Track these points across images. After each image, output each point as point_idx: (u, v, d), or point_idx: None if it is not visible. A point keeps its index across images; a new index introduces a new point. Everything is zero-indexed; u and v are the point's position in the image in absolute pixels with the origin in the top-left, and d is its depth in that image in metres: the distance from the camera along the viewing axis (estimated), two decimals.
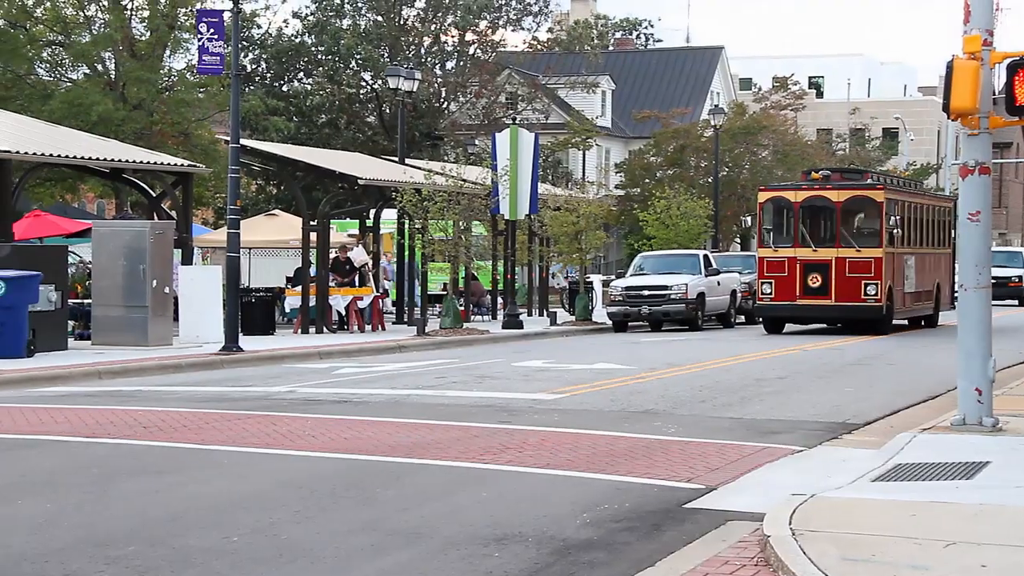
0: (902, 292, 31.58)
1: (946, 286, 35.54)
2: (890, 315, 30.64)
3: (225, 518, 8.94)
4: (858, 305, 30.06)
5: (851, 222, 31.52)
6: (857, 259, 30.13)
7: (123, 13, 41.98)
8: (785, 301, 30.54)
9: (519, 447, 12.01)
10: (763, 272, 30.96)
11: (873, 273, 30.03)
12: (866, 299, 29.99)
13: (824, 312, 30.75)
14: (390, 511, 9.22)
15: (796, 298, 30.39)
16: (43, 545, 8.15)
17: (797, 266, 30.36)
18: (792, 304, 30.57)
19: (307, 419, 14.16)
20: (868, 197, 30.79)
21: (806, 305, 30.47)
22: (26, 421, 14.24)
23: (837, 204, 30.64)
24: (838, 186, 30.80)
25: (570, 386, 17.66)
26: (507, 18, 52.96)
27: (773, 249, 30.89)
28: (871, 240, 30.63)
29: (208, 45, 25.00)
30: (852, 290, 30.07)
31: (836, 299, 30.13)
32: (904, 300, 31.94)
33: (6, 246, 23.59)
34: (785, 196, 31.23)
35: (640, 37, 76.63)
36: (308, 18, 52.05)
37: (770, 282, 30.74)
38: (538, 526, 8.71)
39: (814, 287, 30.20)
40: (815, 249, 30.38)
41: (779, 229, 31.18)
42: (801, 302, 30.43)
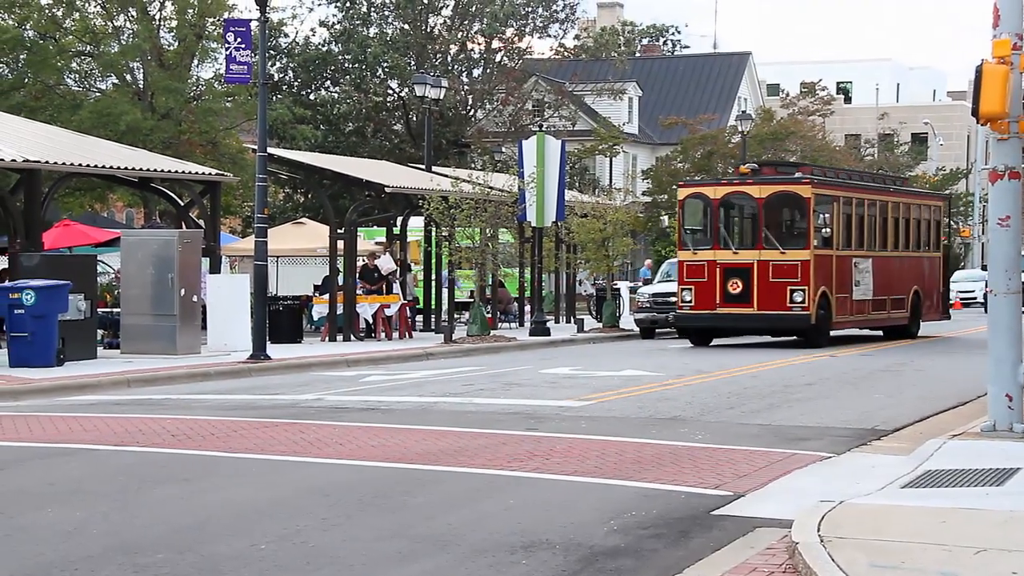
0: (848, 299, 28.56)
1: (934, 292, 32.87)
2: (824, 325, 27.49)
3: (253, 525, 8.96)
4: (783, 314, 27.04)
5: (776, 221, 28.41)
6: (781, 262, 27.08)
7: (151, 23, 42.23)
8: (704, 310, 27.75)
9: (546, 454, 11.99)
10: (683, 278, 28.29)
11: (800, 278, 26.95)
12: (792, 307, 26.89)
13: (745, 322, 27.71)
14: (417, 518, 9.22)
15: (716, 306, 27.58)
16: (73, 553, 8.18)
17: (717, 271, 27.54)
18: (712, 313, 27.74)
19: (334, 427, 14.18)
20: (793, 193, 27.70)
21: (726, 314, 27.55)
22: (56, 429, 14.32)
23: (759, 201, 27.56)
24: (761, 181, 27.95)
25: (597, 393, 17.63)
26: (534, 25, 52.97)
27: (692, 252, 28.20)
28: (798, 241, 27.55)
29: (235, 54, 25.11)
30: (776, 297, 27.06)
31: (759, 307, 27.16)
32: (851, 308, 28.75)
33: (36, 256, 23.75)
34: (704, 192, 28.48)
35: (667, 43, 76.56)
36: (335, 27, 52.22)
37: (690, 288, 27.98)
38: (565, 533, 8.69)
39: (735, 294, 27.28)
40: (736, 251, 27.59)
41: (699, 230, 28.47)
42: (721, 311, 27.58)
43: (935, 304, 33.04)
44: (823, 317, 27.40)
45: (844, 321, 28.70)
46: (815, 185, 27.69)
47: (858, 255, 29.14)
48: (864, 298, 29.26)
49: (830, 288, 27.70)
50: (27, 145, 26.36)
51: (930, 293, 32.60)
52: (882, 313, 30.24)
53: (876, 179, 33.05)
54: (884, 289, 30.07)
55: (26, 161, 24.82)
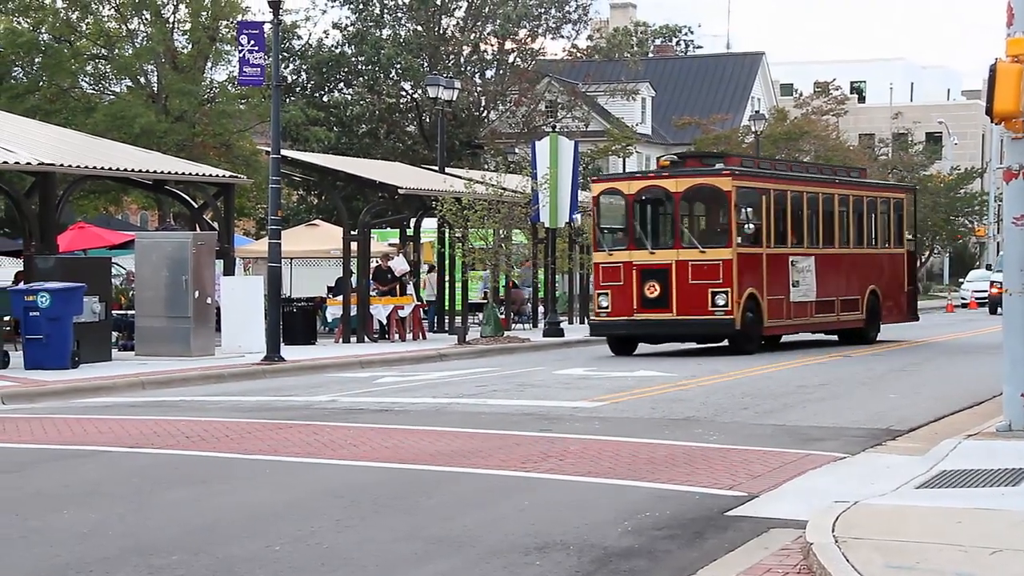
0: (783, 302, 26.16)
1: (897, 293, 30.21)
2: (752, 330, 25.23)
3: (267, 527, 8.97)
4: (704, 319, 24.79)
5: (696, 217, 26.52)
6: (701, 263, 24.86)
7: (165, 26, 42.36)
8: (621, 316, 25.34)
9: (560, 455, 11.99)
10: (598, 282, 26.09)
11: (721, 279, 24.67)
12: (714, 311, 24.65)
13: (665, 328, 25.34)
14: (432, 519, 9.22)
15: (633, 312, 25.18)
16: (88, 554, 8.20)
17: (633, 273, 25.20)
18: (629, 320, 25.30)
19: (348, 428, 14.20)
20: (711, 186, 25.43)
21: (644, 320, 25.19)
22: (71, 432, 14.36)
23: (675, 195, 25.32)
24: (678, 174, 25.62)
25: (611, 394, 17.62)
26: (546, 26, 52.99)
27: (607, 253, 25.87)
28: (720, 239, 25.25)
29: (249, 57, 25.17)
30: (697, 301, 24.76)
31: (678, 312, 24.89)
32: (788, 311, 26.34)
33: (51, 258, 23.82)
34: (619, 188, 26.11)
35: (680, 44, 76.54)
36: (348, 29, 52.29)
37: (606, 293, 25.66)
38: (579, 534, 8.69)
39: (652, 298, 24.99)
40: (653, 252, 25.27)
41: (615, 229, 26.34)
42: (639, 317, 25.18)
43: (899, 305, 30.50)
44: (751, 321, 25.18)
45: (779, 326, 26.38)
46: (736, 177, 25.33)
47: (796, 253, 26.81)
48: (805, 300, 26.85)
49: (760, 289, 25.42)
50: (42, 148, 26.44)
51: (892, 293, 30.11)
52: (829, 316, 27.83)
53: (825, 170, 30.80)
54: (831, 290, 27.71)
55: (41, 164, 24.90)
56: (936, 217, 67.35)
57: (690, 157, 28.16)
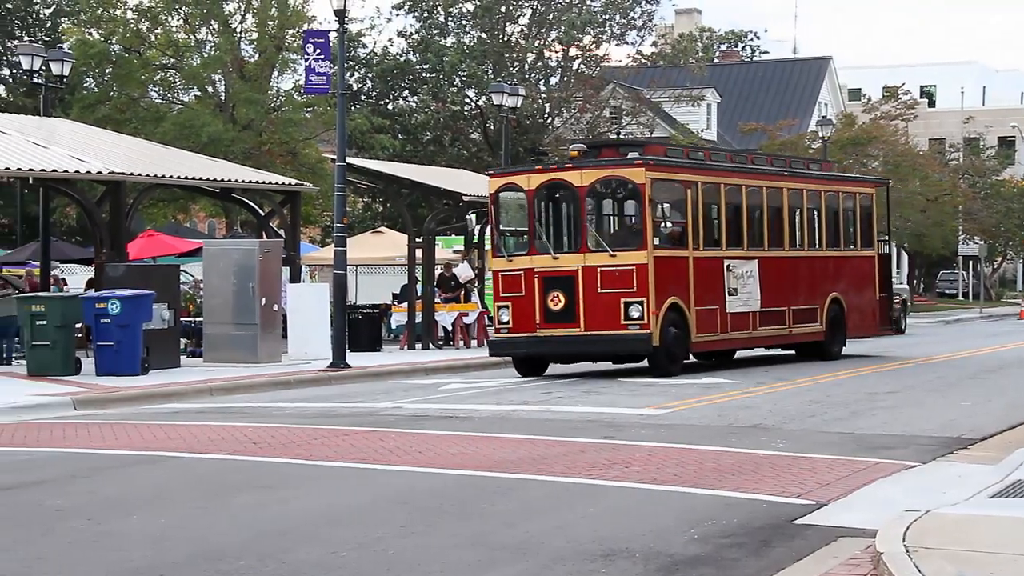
0: (717, 313, 22.69)
1: (866, 301, 26.85)
2: (675, 346, 21.75)
3: (333, 533, 9.01)
4: (616, 335, 21.19)
5: (606, 216, 23.12)
6: (611, 268, 21.32)
7: (232, 36, 42.80)
8: (523, 333, 21.78)
9: (625, 462, 11.94)
10: (498, 293, 22.35)
11: (636, 287, 21.11)
12: (627, 325, 21.09)
13: (572, 346, 21.67)
14: (496, 526, 9.21)
15: (536, 328, 21.68)
16: (159, 559, 8.28)
17: (535, 282, 21.67)
18: (531, 337, 21.76)
19: (413, 435, 14.23)
20: (620, 178, 21.79)
21: (548, 337, 21.64)
22: (141, 437, 14.52)
23: (581, 190, 21.66)
24: (585, 165, 22.01)
25: (676, 401, 17.52)
26: (611, 33, 52.85)
27: (507, 259, 22.21)
28: (634, 240, 21.74)
29: (315, 65, 25.36)
30: (607, 313, 21.22)
31: (586, 327, 21.34)
32: (724, 323, 22.85)
33: (121, 266, 24.13)
34: (517, 182, 22.33)
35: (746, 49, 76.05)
36: (412, 37, 52.52)
37: (506, 306, 22.02)
38: (645, 542, 8.63)
39: (556, 311, 21.47)
40: (556, 256, 21.72)
41: (514, 231, 22.81)
42: (542, 333, 21.64)
43: (868, 315, 27.00)
44: (674, 337, 21.67)
45: (712, 340, 22.86)
46: (652, 167, 21.60)
47: (733, 256, 23.23)
48: (746, 310, 23.35)
49: (685, 299, 21.93)
50: (112, 157, 26.81)
51: (860, 302, 26.61)
52: (779, 328, 24.33)
53: (776, 161, 26.69)
54: (781, 298, 24.22)
55: (111, 173, 25.25)
56: (1009, 223, 66.37)
57: (606, 146, 24.28)
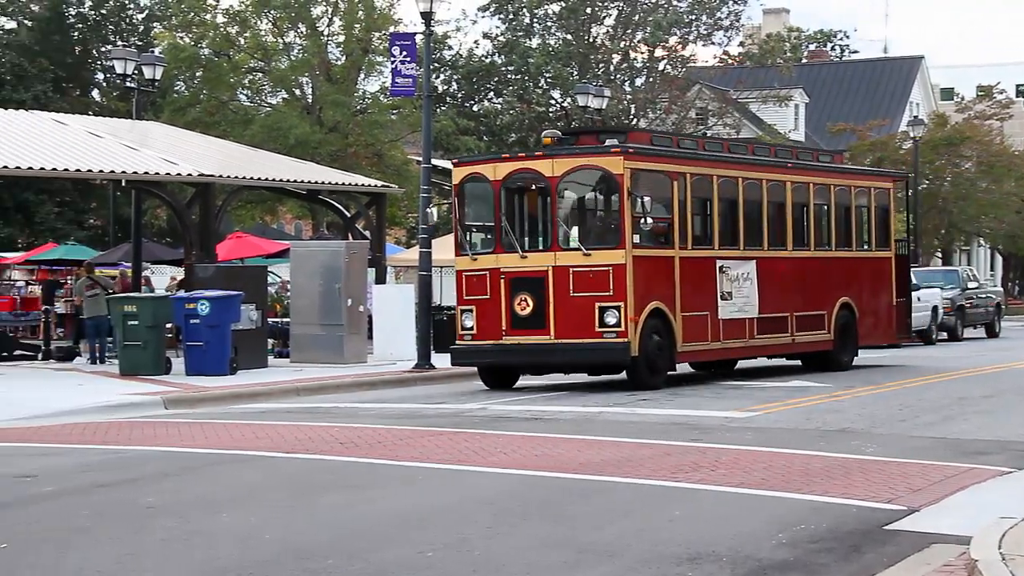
0: (708, 319, 20.62)
1: (881, 306, 24.72)
2: (659, 357, 19.70)
3: (419, 533, 9.03)
4: (590, 344, 19.15)
5: (579, 210, 20.58)
6: (585, 269, 19.25)
7: (320, 39, 43.22)
8: (488, 340, 19.80)
9: (711, 465, 11.84)
10: (461, 296, 20.29)
11: (612, 290, 19.05)
12: (603, 333, 19.08)
13: (540, 356, 19.65)
14: (581, 528, 9.17)
15: (502, 335, 19.69)
16: (246, 557, 8.35)
17: (501, 283, 19.66)
18: (497, 346, 19.74)
19: (498, 436, 14.23)
20: (596, 168, 19.68)
21: (515, 346, 19.63)
22: (230, 437, 14.68)
23: (552, 181, 19.56)
24: (557, 153, 19.93)
25: (763, 404, 17.35)
26: (697, 33, 52.55)
27: (471, 258, 20.14)
28: (611, 237, 19.59)
29: (401, 67, 25.52)
30: (580, 319, 19.18)
31: (557, 334, 19.29)
32: (716, 331, 20.75)
33: (211, 267, 24.46)
34: (483, 172, 20.29)
35: (835, 49, 75.20)
36: (498, 38, 52.63)
37: (470, 310, 20.05)
38: (732, 545, 8.54)
39: (524, 316, 19.45)
40: (524, 255, 19.68)
41: (480, 226, 20.80)
42: (508, 341, 19.63)
43: (884, 322, 24.83)
44: (657, 347, 19.60)
45: (701, 350, 20.71)
46: (631, 156, 19.49)
47: (728, 256, 21.17)
48: (742, 316, 21.22)
49: (670, 303, 19.83)
50: (202, 160, 27.20)
51: (873, 307, 24.45)
52: (780, 337, 22.16)
53: (780, 152, 24.26)
54: (782, 303, 22.15)
55: (201, 175, 25.61)
56: None
57: (585, 133, 22.07)
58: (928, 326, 34.57)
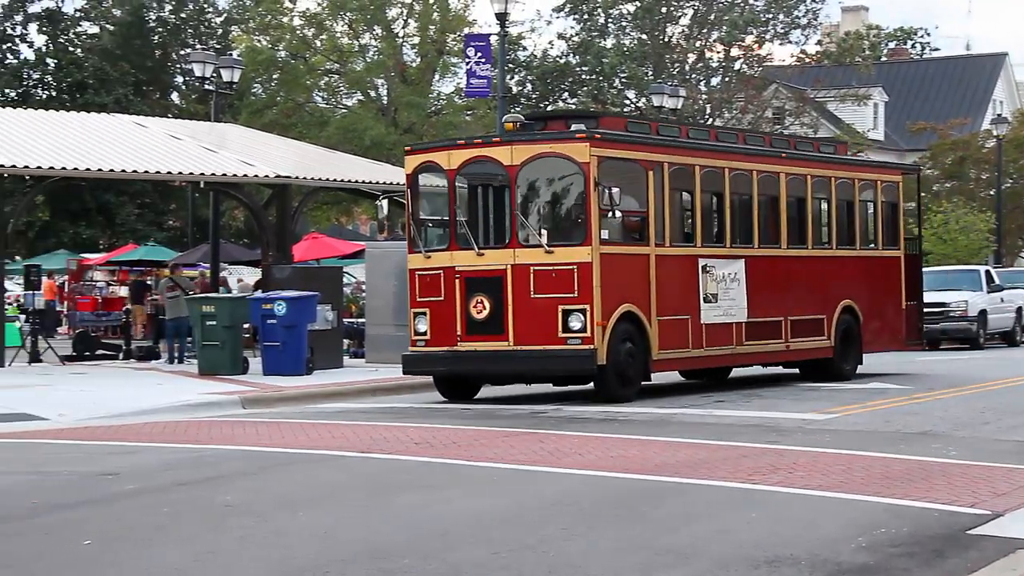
0: (689, 324, 18.86)
1: (888, 309, 22.98)
2: (630, 366, 17.88)
3: (494, 533, 9.01)
4: (552, 351, 17.37)
5: (541, 202, 18.40)
6: (548, 267, 17.45)
7: (395, 40, 43.47)
8: (441, 347, 18.07)
9: (789, 468, 11.71)
10: (414, 298, 18.58)
11: (577, 291, 17.29)
12: (566, 339, 17.31)
13: (498, 364, 17.89)
14: (658, 530, 9.11)
15: (456, 340, 17.93)
16: (323, 555, 8.38)
17: (456, 284, 17.90)
18: (450, 352, 18.01)
19: (573, 437, 14.19)
20: (560, 155, 17.71)
21: (470, 353, 17.88)
22: (306, 436, 14.78)
23: (511, 170, 17.70)
24: (517, 139, 18.05)
25: (842, 406, 17.15)
26: (774, 32, 52.15)
27: (424, 255, 18.48)
28: (576, 232, 17.72)
29: (476, 69, 25.59)
30: (542, 324, 17.41)
31: (517, 340, 17.52)
32: (698, 337, 19.01)
33: (287, 268, 24.68)
34: (437, 160, 18.52)
35: (915, 46, 74.22)
36: (572, 39, 52.59)
37: (423, 313, 18.33)
38: (810, 549, 8.44)
39: (480, 320, 17.67)
40: (481, 252, 17.88)
41: (434, 220, 19.10)
42: (464, 347, 17.89)
43: (891, 327, 23.11)
44: (628, 354, 17.80)
45: (680, 358, 19.05)
46: (599, 143, 17.67)
47: (711, 254, 19.41)
48: (728, 321, 19.52)
49: (644, 306, 18.05)
50: (278, 161, 27.44)
51: (880, 311, 22.72)
52: (771, 343, 20.45)
53: (776, 142, 22.54)
54: (775, 306, 20.42)
55: (278, 176, 25.84)
56: None
57: (554, 118, 20.05)
58: (1012, 328, 34.03)
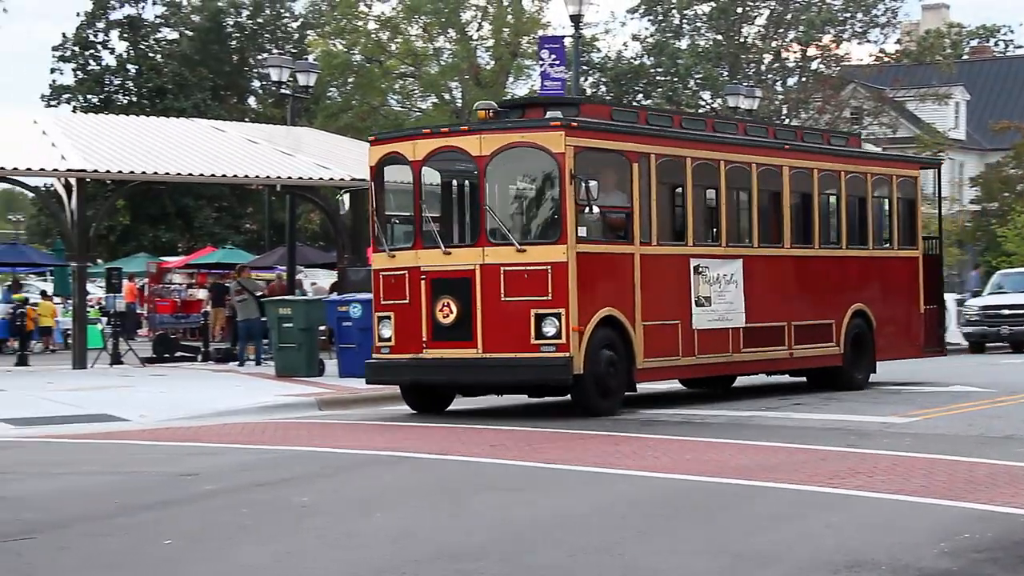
0: (678, 330, 17.43)
1: (904, 314, 21.48)
2: (610, 376, 16.41)
3: (569, 536, 8.98)
4: (525, 359, 15.88)
5: (512, 197, 17.38)
6: (519, 267, 15.97)
7: (469, 43, 43.60)
8: (405, 354, 16.63)
9: (869, 471, 11.55)
10: (379, 299, 17.17)
11: (551, 294, 15.83)
12: (540, 346, 15.86)
13: (466, 374, 16.40)
14: (734, 534, 9.02)
15: (422, 347, 16.47)
16: (399, 556, 8.40)
17: (422, 285, 16.47)
18: (415, 360, 16.54)
19: (648, 439, 14.13)
20: (532, 145, 16.18)
21: (436, 362, 16.39)
22: (382, 438, 14.85)
23: (479, 161, 16.25)
24: (487, 128, 16.55)
25: (922, 409, 16.90)
26: (852, 31, 51.59)
27: (388, 254, 17.05)
28: (550, 230, 16.21)
29: (550, 71, 25.56)
30: (514, 329, 15.94)
31: (485, 347, 16.07)
32: (689, 345, 17.55)
33: (362, 270, 24.80)
34: (401, 152, 17.00)
35: (998, 44, 73.05)
36: (647, 40, 52.42)
37: (387, 317, 16.92)
38: (892, 553, 8.31)
39: (447, 325, 16.21)
40: (447, 251, 16.46)
41: (399, 216, 17.64)
42: (429, 355, 16.42)
43: (908, 333, 21.63)
44: (608, 362, 16.36)
45: (668, 367, 17.51)
46: (576, 131, 16.15)
47: (705, 254, 17.99)
48: (725, 326, 18.09)
49: (628, 310, 16.61)
50: (354, 164, 27.61)
51: (895, 315, 21.21)
52: (772, 350, 19.00)
53: (780, 133, 20.71)
54: (777, 310, 19.01)
55: (352, 179, 26.00)
56: None
57: (532, 105, 18.16)
58: None
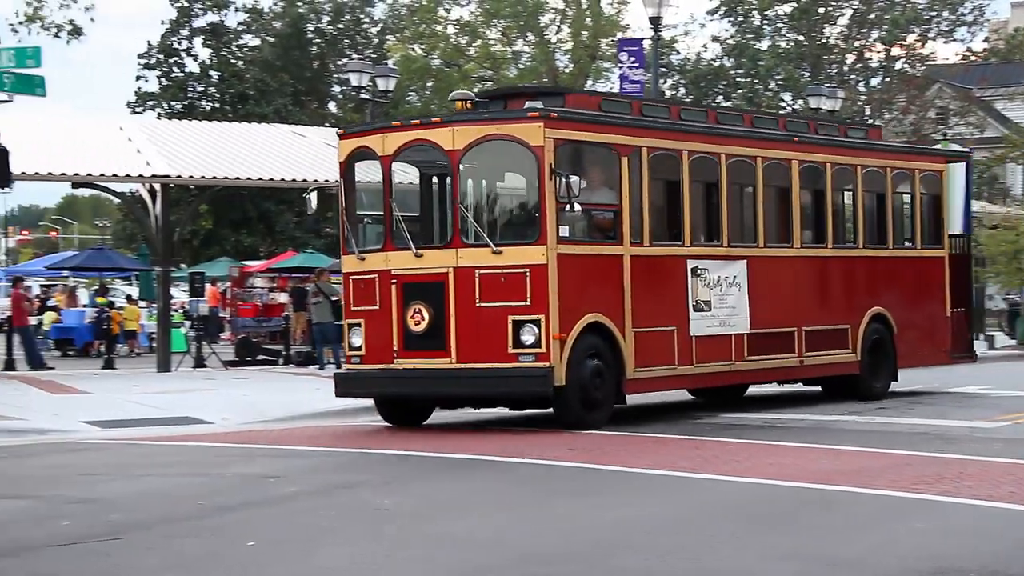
0: (675, 336, 16.23)
1: (928, 317, 20.27)
2: (596, 387, 15.23)
3: (653, 541, 8.93)
4: (502, 370, 14.78)
5: (491, 195, 16.18)
6: (496, 270, 14.85)
7: (548, 46, 43.62)
8: (376, 364, 15.57)
9: (956, 477, 11.35)
10: (349, 305, 16.10)
11: (530, 299, 14.73)
12: (518, 355, 14.75)
13: (440, 385, 15.23)
14: (817, 540, 8.91)
15: (393, 357, 15.38)
16: (483, 560, 8.40)
17: (392, 290, 15.37)
18: (386, 371, 15.48)
19: (730, 444, 14.02)
20: (509, 138, 15.01)
21: (407, 373, 15.29)
22: (460, 441, 14.85)
23: (452, 156, 15.11)
24: (461, 120, 15.34)
25: (1011, 414, 16.61)
26: (938, 30, 50.86)
27: (357, 257, 15.90)
28: (528, 230, 15.04)
29: (629, 73, 25.51)
30: (490, 337, 14.81)
31: (460, 357, 14.97)
32: (689, 352, 16.38)
33: None
34: (371, 146, 15.83)
35: None
36: (727, 41, 52.08)
37: (358, 324, 15.79)
38: (980, 561, 8.15)
39: (418, 332, 15.10)
40: (419, 253, 15.29)
41: (370, 215, 16.39)
42: (401, 365, 15.33)
43: (933, 338, 20.40)
44: (595, 373, 15.23)
45: (662, 377, 16.29)
46: (556, 123, 15.00)
47: (704, 255, 16.78)
48: (727, 332, 16.90)
49: (617, 316, 15.49)
50: None
51: (918, 320, 20.00)
52: (781, 358, 17.74)
53: (792, 124, 19.28)
54: (785, 315, 17.78)
55: None
56: None
57: (514, 96, 16.86)
58: None
